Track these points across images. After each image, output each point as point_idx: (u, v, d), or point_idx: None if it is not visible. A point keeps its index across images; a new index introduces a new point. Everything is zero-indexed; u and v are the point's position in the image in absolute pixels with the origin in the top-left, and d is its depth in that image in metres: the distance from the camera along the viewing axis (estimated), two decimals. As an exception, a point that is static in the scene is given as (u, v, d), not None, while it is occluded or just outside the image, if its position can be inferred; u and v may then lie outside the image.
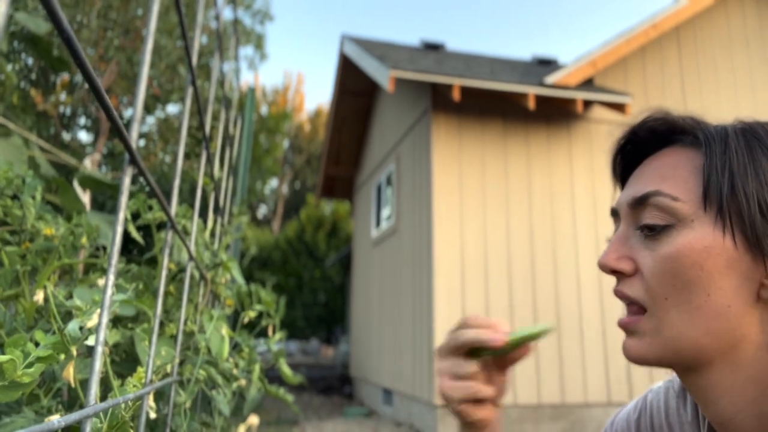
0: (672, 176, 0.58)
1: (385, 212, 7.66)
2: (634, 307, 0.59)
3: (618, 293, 0.60)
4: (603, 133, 6.14)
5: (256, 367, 1.08)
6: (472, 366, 0.63)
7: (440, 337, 5.39)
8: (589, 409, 5.46)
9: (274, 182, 28.63)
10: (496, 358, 0.64)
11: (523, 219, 5.80)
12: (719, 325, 0.54)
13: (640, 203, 0.58)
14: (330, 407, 7.65)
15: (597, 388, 5.48)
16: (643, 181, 0.60)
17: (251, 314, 1.17)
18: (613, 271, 0.59)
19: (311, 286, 16.64)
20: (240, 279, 1.18)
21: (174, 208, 0.65)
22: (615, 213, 0.64)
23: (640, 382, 5.57)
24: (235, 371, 0.99)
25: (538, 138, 6.02)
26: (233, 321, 1.33)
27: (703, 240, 0.54)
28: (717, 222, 0.54)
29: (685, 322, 0.54)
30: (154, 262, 0.99)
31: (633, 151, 0.66)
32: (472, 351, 0.64)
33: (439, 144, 5.81)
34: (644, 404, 0.74)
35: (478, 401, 0.64)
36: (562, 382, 5.46)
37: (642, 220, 0.58)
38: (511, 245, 5.72)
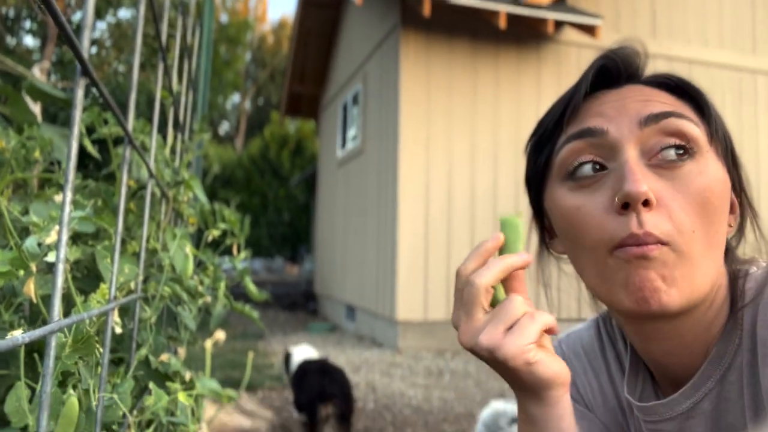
0: (678, 107, 0.55)
1: (351, 132, 7.56)
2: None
3: (644, 239, 0.50)
4: (572, 55, 6.08)
5: (222, 285, 1.09)
6: (517, 303, 0.50)
7: (403, 257, 5.53)
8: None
9: (236, 98, 27.67)
10: (508, 281, 0.53)
11: (489, 142, 5.82)
12: (720, 254, 0.54)
13: (655, 120, 0.53)
14: (294, 323, 7.89)
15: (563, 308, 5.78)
16: (646, 104, 0.55)
17: (215, 233, 1.17)
18: (643, 202, 0.51)
19: (276, 205, 16.61)
20: (203, 197, 1.16)
21: (131, 122, 0.62)
22: (591, 133, 0.55)
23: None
24: (200, 288, 1.00)
25: (508, 60, 5.94)
26: (197, 239, 1.33)
27: (721, 171, 0.54)
28: (720, 157, 0.55)
29: (708, 257, 0.52)
30: (112, 179, 0.96)
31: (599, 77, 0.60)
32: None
33: (408, 64, 5.67)
34: (562, 355, 0.73)
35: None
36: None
37: (662, 143, 0.53)
38: (475, 167, 5.78)
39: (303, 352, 3.41)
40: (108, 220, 0.69)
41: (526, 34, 5.93)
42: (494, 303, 0.52)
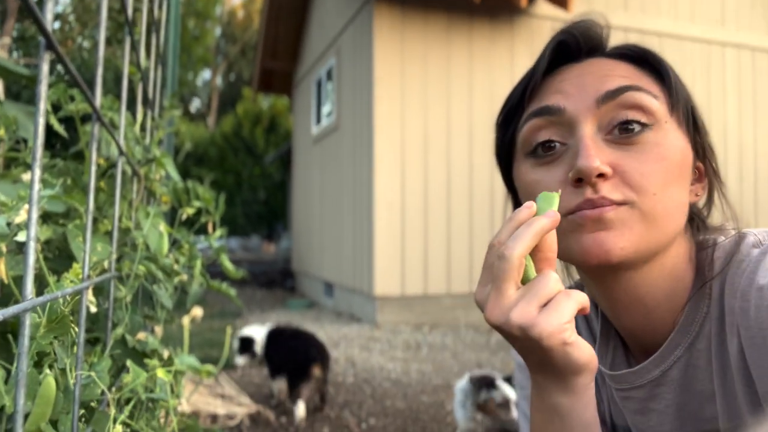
0: (636, 79, 0.56)
1: (326, 109, 7.48)
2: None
3: (599, 201, 0.52)
4: (546, 30, 6.09)
5: (198, 263, 1.09)
6: (552, 279, 0.47)
7: (380, 232, 5.54)
8: (516, 296, 5.89)
9: (206, 74, 27.06)
10: (540, 263, 0.49)
11: (464, 115, 5.83)
12: (681, 221, 0.56)
13: (612, 97, 0.55)
14: (272, 300, 7.89)
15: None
16: (604, 79, 0.56)
17: (189, 211, 1.16)
18: (597, 176, 0.52)
19: (250, 183, 16.42)
20: (175, 175, 1.15)
21: (99, 98, 0.61)
22: (549, 111, 0.57)
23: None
24: (175, 267, 0.99)
25: (482, 35, 5.91)
26: (171, 218, 1.32)
27: (680, 140, 0.56)
28: (681, 126, 0.57)
29: (666, 217, 0.54)
30: (80, 157, 0.94)
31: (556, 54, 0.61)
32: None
33: (382, 37, 5.61)
34: None
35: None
36: (493, 272, 5.81)
37: (619, 117, 0.55)
38: (451, 141, 5.79)
39: (258, 330, 3.33)
40: (78, 199, 0.68)
41: (500, 7, 5.90)
42: (524, 281, 0.49)
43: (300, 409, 2.94)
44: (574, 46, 0.61)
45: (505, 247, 0.47)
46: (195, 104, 27.44)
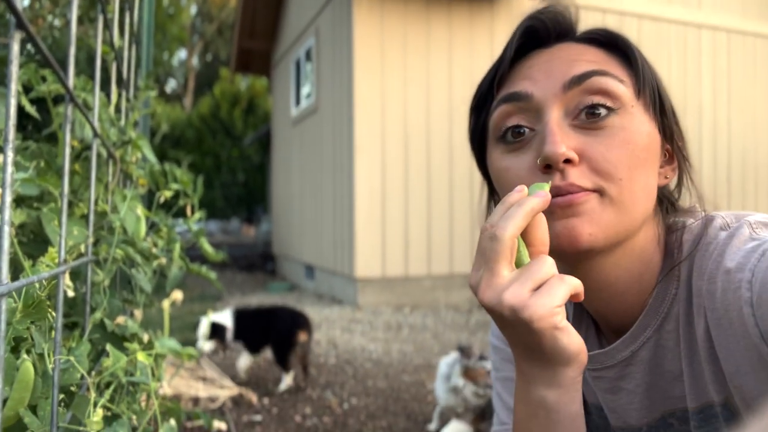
0: (604, 64, 0.57)
1: (305, 90, 7.40)
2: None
3: (567, 188, 0.52)
4: (526, 11, 6.07)
5: (176, 246, 1.08)
6: (547, 263, 0.47)
7: (361, 214, 5.54)
8: (495, 276, 5.96)
9: (182, 54, 26.48)
10: (534, 253, 0.49)
11: (443, 97, 5.82)
12: (649, 205, 0.56)
13: (578, 82, 0.55)
14: (253, 283, 7.86)
15: (504, 258, 5.95)
16: (571, 65, 0.56)
17: (167, 194, 1.14)
18: (563, 161, 0.53)
19: (229, 166, 16.23)
20: (152, 157, 1.13)
21: (71, 79, 0.59)
22: (518, 97, 0.57)
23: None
24: (154, 250, 0.98)
25: (461, 15, 5.88)
26: (148, 201, 1.30)
27: (646, 124, 0.56)
28: (648, 110, 0.57)
29: (634, 202, 0.54)
30: (54, 139, 0.92)
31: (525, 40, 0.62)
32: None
33: (361, 17, 5.54)
34: None
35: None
36: (473, 252, 5.87)
37: (584, 102, 0.55)
38: (431, 122, 5.79)
39: (225, 315, 3.26)
40: (52, 182, 0.67)
41: (480, -12, 5.87)
42: (518, 266, 0.49)
43: (287, 380, 3.02)
44: (543, 31, 0.61)
45: (496, 228, 0.47)
46: (171, 85, 26.88)
